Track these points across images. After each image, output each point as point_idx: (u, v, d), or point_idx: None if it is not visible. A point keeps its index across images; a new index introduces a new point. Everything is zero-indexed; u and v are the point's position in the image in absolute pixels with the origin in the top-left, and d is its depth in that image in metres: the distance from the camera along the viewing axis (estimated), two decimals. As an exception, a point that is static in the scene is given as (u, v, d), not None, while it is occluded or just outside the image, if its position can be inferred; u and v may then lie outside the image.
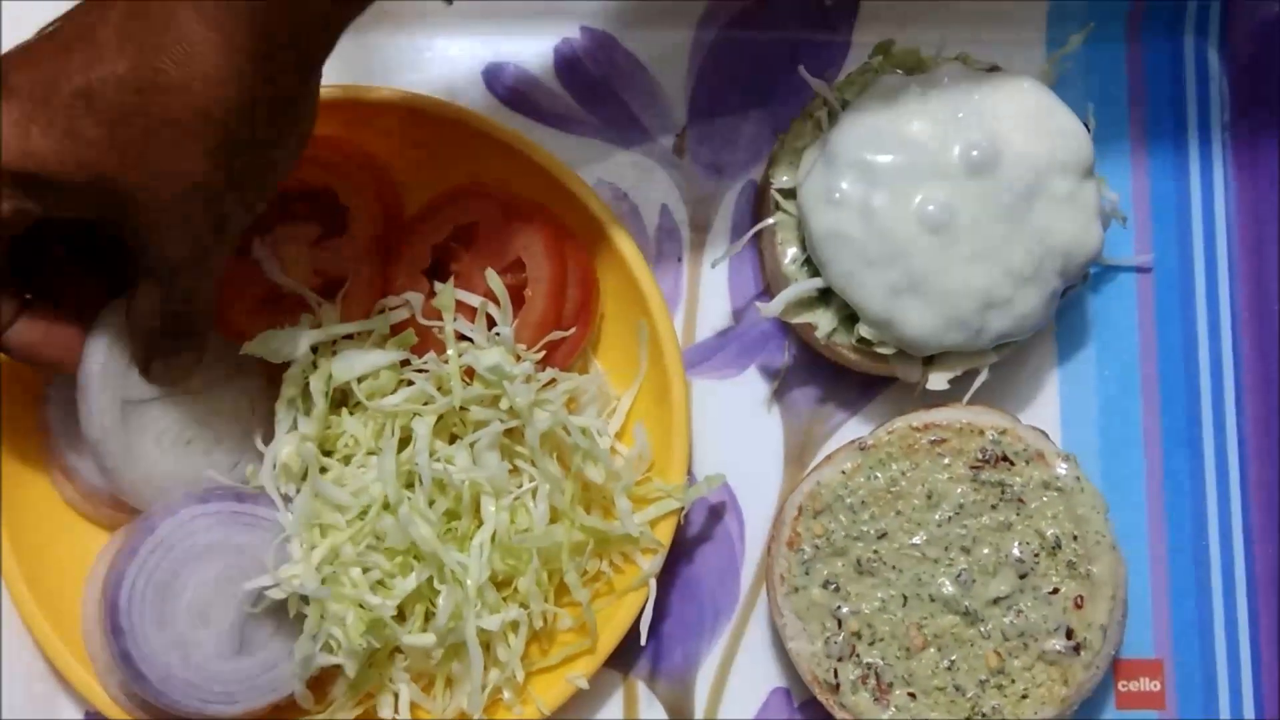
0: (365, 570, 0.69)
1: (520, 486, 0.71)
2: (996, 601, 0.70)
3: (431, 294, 0.72)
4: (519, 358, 0.71)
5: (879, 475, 0.72)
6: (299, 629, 0.69)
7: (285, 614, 0.70)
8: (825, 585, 0.71)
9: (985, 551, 0.71)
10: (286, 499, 0.71)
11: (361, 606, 0.68)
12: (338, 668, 0.70)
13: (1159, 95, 0.80)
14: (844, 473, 0.72)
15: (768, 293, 0.78)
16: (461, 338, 0.71)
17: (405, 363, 0.72)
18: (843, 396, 0.78)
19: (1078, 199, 0.71)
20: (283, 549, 0.70)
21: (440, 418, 0.71)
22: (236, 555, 0.70)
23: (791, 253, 0.74)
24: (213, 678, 0.69)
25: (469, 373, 0.71)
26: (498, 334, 0.71)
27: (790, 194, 0.74)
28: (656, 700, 0.76)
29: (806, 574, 0.71)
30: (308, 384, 0.71)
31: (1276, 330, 0.76)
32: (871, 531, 0.71)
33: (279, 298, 0.72)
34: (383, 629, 0.68)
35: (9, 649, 0.73)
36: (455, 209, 0.73)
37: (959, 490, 0.71)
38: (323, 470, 0.71)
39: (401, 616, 0.71)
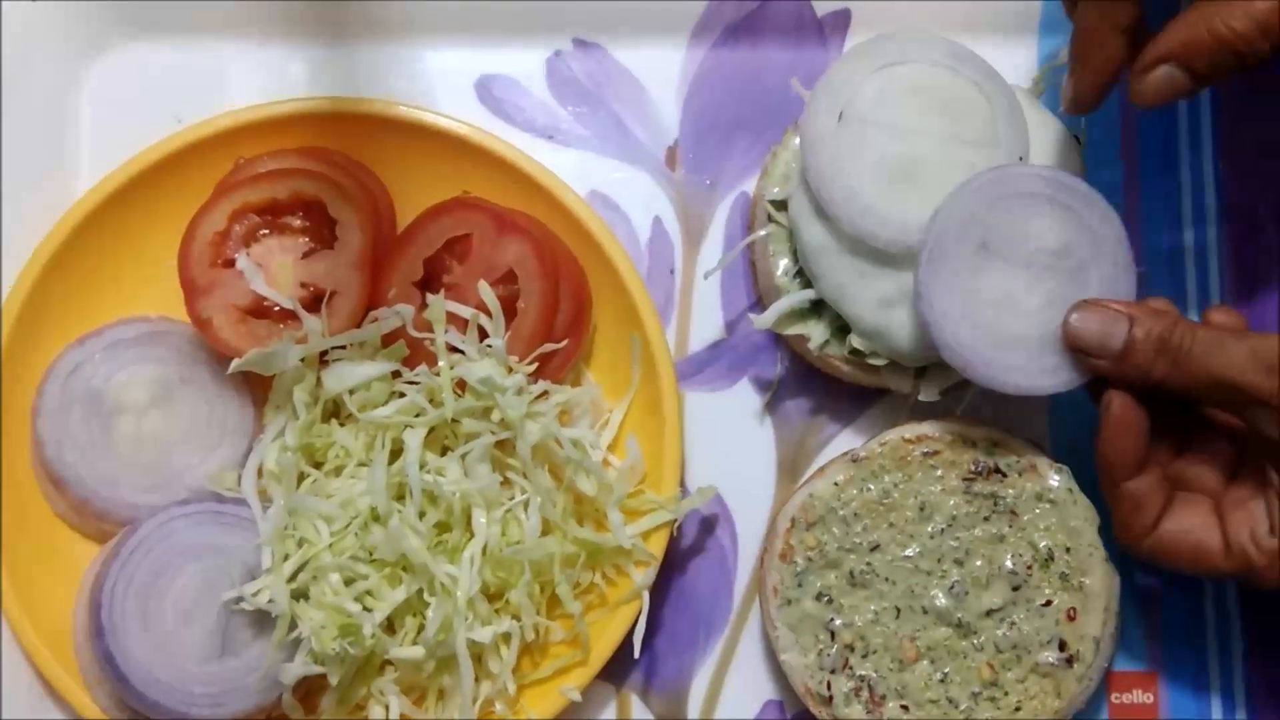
0: (351, 581, 0.69)
1: (512, 499, 0.71)
2: (989, 614, 0.70)
3: (423, 306, 0.72)
4: (511, 370, 0.71)
5: (871, 487, 0.71)
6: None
7: (270, 616, 0.70)
8: (818, 597, 0.71)
9: (978, 563, 0.70)
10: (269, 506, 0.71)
11: (338, 613, 0.68)
12: (326, 678, 0.70)
13: (1150, 106, 0.80)
14: (836, 485, 0.72)
15: (760, 304, 0.78)
16: (454, 350, 0.71)
17: (397, 374, 0.72)
18: (835, 408, 0.78)
19: (1069, 210, 0.71)
20: (259, 553, 0.70)
21: (432, 430, 0.71)
22: (219, 556, 0.70)
23: (783, 264, 0.75)
24: (197, 679, 0.69)
25: (461, 385, 0.71)
26: (489, 346, 0.71)
27: (782, 205, 0.74)
28: (649, 713, 0.76)
29: (799, 586, 0.71)
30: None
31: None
32: (864, 544, 0.71)
33: (266, 309, 0.72)
34: (357, 633, 0.68)
35: (8, 656, 0.73)
36: (447, 221, 0.73)
37: (951, 502, 0.71)
38: (305, 479, 0.71)
39: (392, 629, 0.71)
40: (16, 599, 0.71)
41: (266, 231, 0.73)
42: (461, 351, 0.71)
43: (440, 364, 0.71)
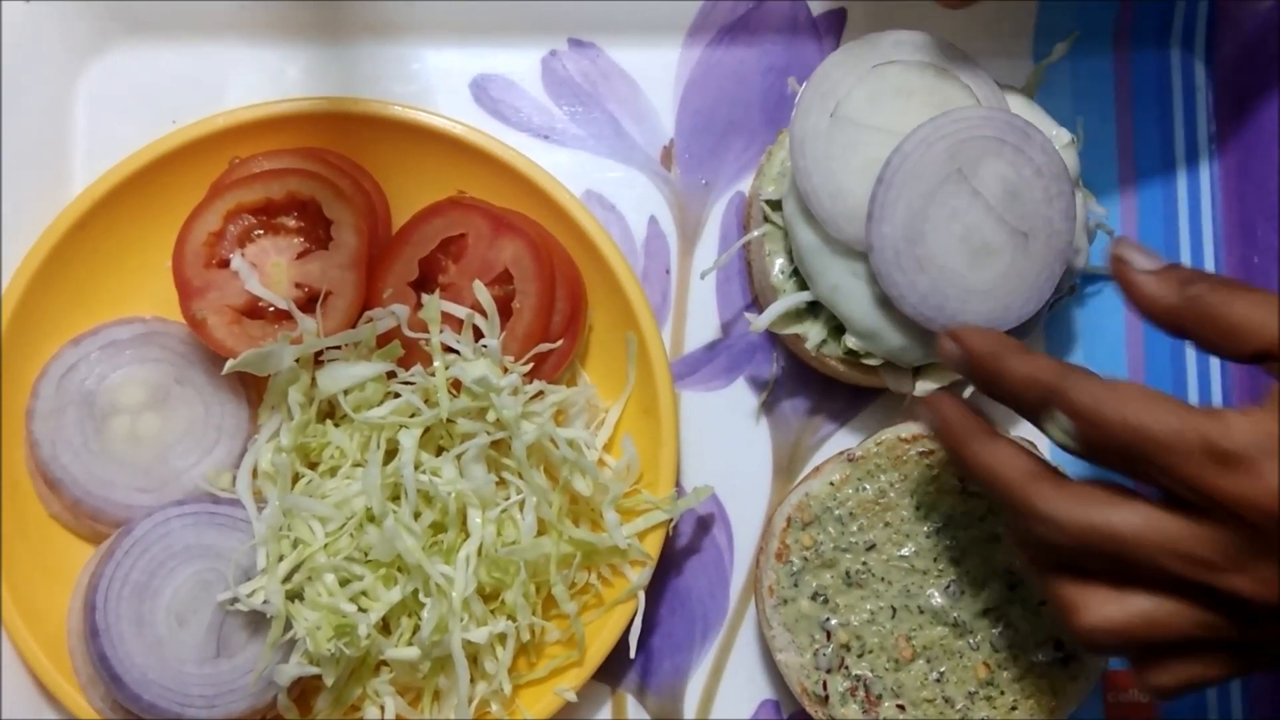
0: (346, 582, 0.69)
1: (507, 499, 0.71)
2: (985, 613, 0.70)
3: (419, 306, 0.72)
4: (506, 370, 0.71)
5: (867, 487, 0.71)
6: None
7: (264, 617, 0.70)
8: (814, 597, 0.71)
9: (974, 563, 0.70)
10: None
11: (333, 613, 0.68)
12: (322, 679, 0.69)
13: (1146, 107, 0.80)
14: (832, 484, 0.72)
15: (756, 304, 0.78)
16: (449, 350, 0.71)
17: (392, 375, 0.72)
18: (831, 408, 0.78)
19: (1065, 210, 0.71)
20: (253, 554, 0.70)
21: (427, 430, 0.71)
22: (213, 557, 0.70)
23: (779, 264, 0.75)
24: (191, 681, 0.69)
25: (456, 385, 0.71)
26: (485, 346, 0.71)
27: (778, 205, 0.74)
28: (645, 713, 0.76)
29: (795, 586, 0.71)
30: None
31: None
32: (860, 543, 0.71)
33: (261, 310, 0.72)
34: (352, 634, 0.68)
35: (3, 657, 0.73)
36: (443, 221, 0.73)
37: (948, 502, 0.71)
38: (300, 480, 0.71)
39: (388, 630, 0.71)
40: (12, 600, 0.71)
41: (261, 232, 0.73)
42: (457, 351, 0.71)
43: (435, 364, 0.71)
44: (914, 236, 0.68)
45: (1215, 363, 0.78)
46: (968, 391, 0.74)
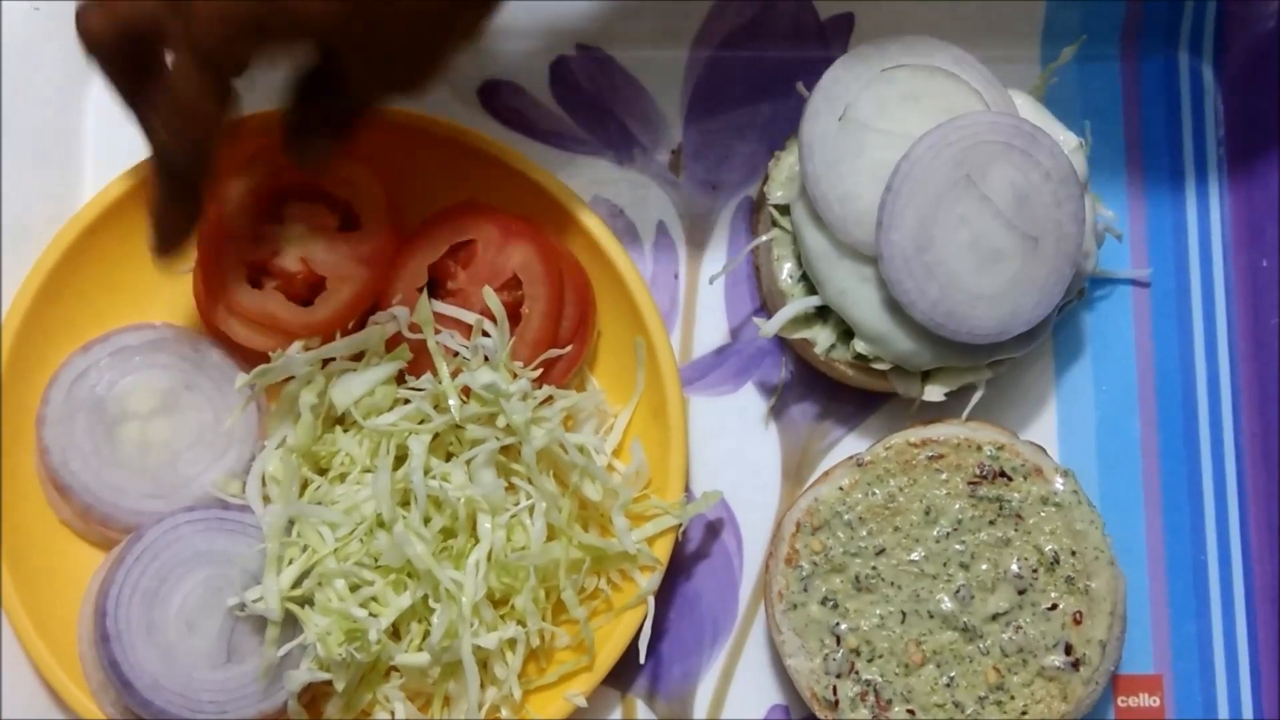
0: (356, 587, 0.69)
1: (517, 504, 0.71)
2: (995, 617, 0.70)
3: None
4: (515, 375, 0.71)
5: (877, 491, 0.71)
6: (288, 638, 0.70)
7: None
8: (824, 602, 0.71)
9: (984, 567, 0.70)
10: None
11: (344, 618, 0.68)
12: (332, 685, 0.69)
13: (1153, 111, 0.80)
14: (842, 489, 0.72)
15: (765, 308, 0.78)
16: (456, 354, 0.71)
17: (402, 381, 0.72)
18: (840, 412, 0.78)
19: (1073, 215, 0.71)
20: (262, 559, 0.70)
21: (437, 435, 0.71)
22: (223, 563, 0.70)
23: (788, 268, 0.75)
24: (201, 686, 0.69)
25: (467, 390, 0.71)
26: (479, 345, 0.70)
27: (786, 210, 0.74)
28: (655, 718, 0.76)
29: (805, 591, 0.71)
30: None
31: (1272, 344, 0.76)
32: (869, 548, 0.71)
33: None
34: (363, 639, 0.68)
35: (13, 662, 0.73)
36: (452, 227, 0.73)
37: (957, 506, 0.71)
38: (309, 486, 0.71)
39: (398, 635, 0.71)
40: (21, 606, 0.71)
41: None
42: (462, 354, 0.71)
43: (440, 368, 0.71)
44: (923, 243, 0.68)
45: (1225, 367, 0.78)
46: (974, 399, 0.74)
